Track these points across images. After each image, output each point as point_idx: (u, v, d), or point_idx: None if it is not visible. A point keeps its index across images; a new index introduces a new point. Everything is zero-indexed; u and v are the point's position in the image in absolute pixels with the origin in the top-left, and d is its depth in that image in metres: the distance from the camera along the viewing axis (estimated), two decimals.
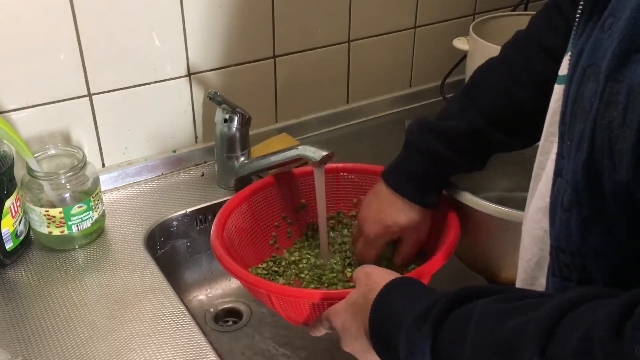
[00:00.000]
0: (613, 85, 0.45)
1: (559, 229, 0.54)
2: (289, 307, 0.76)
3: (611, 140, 0.45)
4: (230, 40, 1.13)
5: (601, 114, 0.46)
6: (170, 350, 0.79)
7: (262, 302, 0.81)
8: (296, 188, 0.98)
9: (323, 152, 0.88)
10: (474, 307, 0.51)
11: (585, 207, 0.50)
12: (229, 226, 0.87)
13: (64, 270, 0.92)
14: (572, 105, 0.51)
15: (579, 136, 0.49)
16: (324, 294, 0.73)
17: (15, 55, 0.95)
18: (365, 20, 1.27)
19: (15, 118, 0.98)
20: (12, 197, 0.89)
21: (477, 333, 0.48)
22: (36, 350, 0.78)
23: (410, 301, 0.58)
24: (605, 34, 0.47)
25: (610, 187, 0.46)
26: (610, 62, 0.45)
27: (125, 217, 1.03)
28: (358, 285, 0.67)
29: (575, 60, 0.52)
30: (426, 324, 0.52)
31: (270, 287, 0.76)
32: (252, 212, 0.93)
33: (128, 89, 1.06)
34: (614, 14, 0.47)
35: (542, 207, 0.60)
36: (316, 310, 0.74)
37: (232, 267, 0.79)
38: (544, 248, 0.60)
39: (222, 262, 0.80)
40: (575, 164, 0.49)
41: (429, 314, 0.53)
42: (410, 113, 1.39)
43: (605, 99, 0.45)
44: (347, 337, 0.67)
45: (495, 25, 1.29)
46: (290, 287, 0.85)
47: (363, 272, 0.69)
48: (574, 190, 0.50)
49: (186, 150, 1.16)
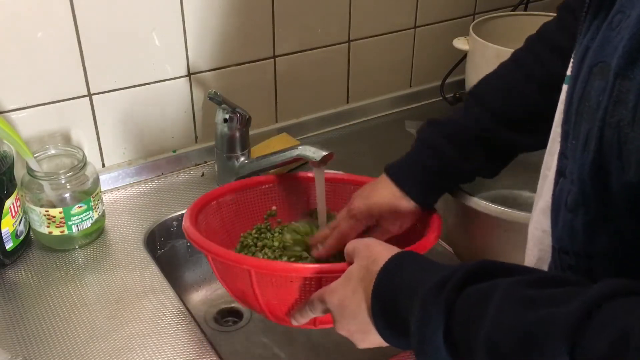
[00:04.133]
0: (623, 83, 0.44)
1: (562, 230, 0.53)
2: (275, 289, 0.71)
3: (620, 140, 0.44)
4: (230, 40, 1.13)
5: (610, 112, 0.45)
6: (170, 350, 0.79)
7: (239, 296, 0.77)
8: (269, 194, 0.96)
9: (323, 152, 0.88)
10: (495, 286, 0.48)
11: (592, 207, 0.49)
12: (200, 219, 0.85)
13: (64, 270, 0.92)
14: (578, 104, 0.50)
15: (586, 135, 0.48)
16: (318, 269, 0.68)
17: (15, 55, 0.95)
18: (365, 20, 1.27)
19: (15, 118, 0.98)
20: (12, 197, 0.89)
21: (497, 316, 0.45)
22: (36, 350, 0.78)
23: (421, 272, 0.55)
24: (614, 31, 0.47)
25: (618, 187, 0.45)
26: (620, 59, 0.44)
27: (125, 217, 1.03)
28: (358, 258, 0.64)
29: (580, 59, 0.51)
30: (443, 294, 0.50)
31: (252, 262, 0.71)
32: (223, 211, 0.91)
33: (128, 89, 1.06)
34: (623, 10, 0.46)
35: (544, 208, 0.60)
36: (307, 289, 0.70)
37: (204, 244, 0.74)
38: (542, 249, 0.60)
39: (194, 240, 0.75)
40: (581, 163, 0.48)
41: (445, 285, 0.50)
42: (410, 113, 1.39)
43: (615, 97, 0.44)
44: (344, 315, 0.63)
45: (495, 25, 1.29)
46: (278, 261, 0.80)
47: (362, 244, 0.65)
48: (581, 191, 0.49)
49: (186, 150, 1.16)
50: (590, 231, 0.50)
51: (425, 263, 0.58)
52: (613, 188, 0.46)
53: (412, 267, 0.57)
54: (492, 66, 0.82)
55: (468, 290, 0.49)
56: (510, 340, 0.44)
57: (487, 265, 0.51)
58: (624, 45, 0.44)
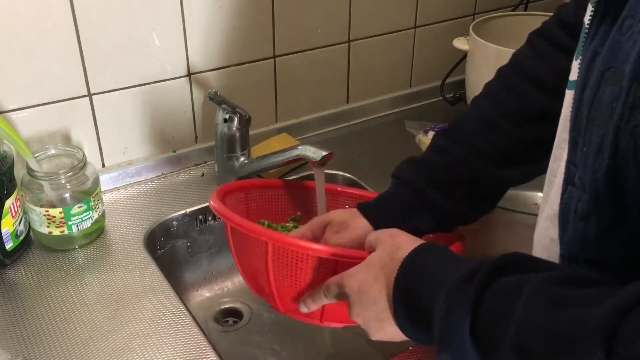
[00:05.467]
0: (638, 89, 0.43)
1: (572, 238, 0.53)
2: (289, 267, 0.69)
3: (637, 146, 0.43)
4: (230, 40, 1.13)
5: (625, 118, 0.44)
6: (170, 350, 0.79)
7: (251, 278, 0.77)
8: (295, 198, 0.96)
9: (323, 152, 0.88)
10: (524, 281, 0.46)
11: (606, 214, 0.48)
12: (226, 201, 0.85)
13: (64, 270, 0.92)
14: (588, 110, 0.49)
15: (599, 142, 0.47)
16: (335, 251, 0.66)
17: (15, 55, 0.95)
18: (365, 20, 1.27)
19: (15, 118, 0.98)
20: (12, 197, 0.89)
21: (527, 314, 0.45)
22: (36, 350, 0.78)
23: (447, 264, 0.55)
24: (625, 36, 0.46)
25: (634, 194, 0.45)
26: (636, 64, 0.43)
27: (125, 217, 1.03)
28: (381, 246, 0.62)
29: (588, 64, 0.50)
30: (470, 286, 0.49)
31: (270, 235, 0.69)
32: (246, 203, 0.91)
33: (128, 89, 1.06)
34: (633, 15, 0.46)
35: (551, 215, 0.59)
36: (321, 272, 0.68)
37: (232, 217, 0.74)
38: (551, 256, 0.59)
39: (221, 213, 0.75)
40: (593, 171, 0.47)
41: (472, 277, 0.49)
42: (410, 113, 1.39)
43: (630, 103, 0.44)
44: (362, 301, 0.61)
45: (495, 25, 1.29)
46: (296, 237, 0.76)
47: (387, 234, 0.64)
48: (593, 198, 0.48)
49: (186, 150, 1.16)
50: (603, 239, 0.49)
51: (451, 255, 0.58)
52: (628, 195, 0.45)
53: (437, 258, 0.57)
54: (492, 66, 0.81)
55: (496, 283, 0.48)
56: (540, 339, 0.43)
57: (515, 259, 0.50)
58: (638, 51, 0.43)
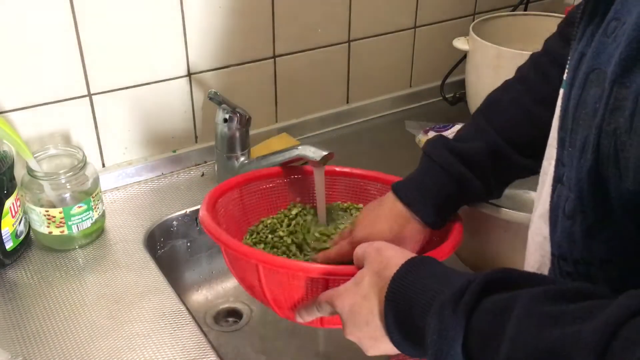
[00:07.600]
0: (619, 91, 0.43)
1: (560, 237, 0.53)
2: (281, 285, 0.70)
3: (617, 148, 0.44)
4: (230, 40, 1.13)
5: (606, 120, 0.44)
6: (170, 350, 0.79)
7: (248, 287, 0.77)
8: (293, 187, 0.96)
9: (323, 152, 0.88)
10: (514, 298, 0.46)
11: (591, 214, 0.48)
12: (218, 206, 0.84)
13: (64, 270, 0.92)
14: (574, 110, 0.49)
15: (583, 143, 0.47)
16: (325, 270, 0.67)
17: (15, 55, 0.95)
18: (365, 20, 1.27)
19: (15, 118, 0.98)
20: (12, 197, 0.89)
21: (519, 333, 0.44)
22: (36, 350, 0.78)
23: (436, 280, 0.54)
24: (609, 38, 0.46)
25: (616, 194, 0.45)
26: (617, 66, 0.44)
27: (125, 217, 1.03)
28: (368, 263, 0.62)
29: (575, 65, 0.51)
30: (460, 305, 0.48)
31: (260, 257, 0.70)
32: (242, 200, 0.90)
33: (128, 89, 1.06)
34: (618, 17, 0.46)
35: (543, 214, 0.59)
36: (313, 288, 0.68)
37: (221, 237, 0.74)
38: (544, 255, 0.59)
39: (211, 232, 0.75)
40: (578, 171, 0.48)
41: (462, 295, 0.49)
42: (410, 113, 1.40)
43: (611, 105, 0.44)
44: (355, 322, 0.61)
45: (495, 25, 1.29)
46: (287, 258, 0.78)
47: (373, 248, 0.63)
48: (579, 198, 0.49)
49: (186, 150, 1.16)
50: (588, 238, 0.49)
51: (439, 269, 0.56)
52: (611, 195, 0.45)
53: (426, 274, 0.56)
54: (492, 66, 0.82)
55: (486, 301, 0.48)
56: (533, 358, 0.43)
57: (505, 275, 0.50)
58: (620, 53, 0.44)
